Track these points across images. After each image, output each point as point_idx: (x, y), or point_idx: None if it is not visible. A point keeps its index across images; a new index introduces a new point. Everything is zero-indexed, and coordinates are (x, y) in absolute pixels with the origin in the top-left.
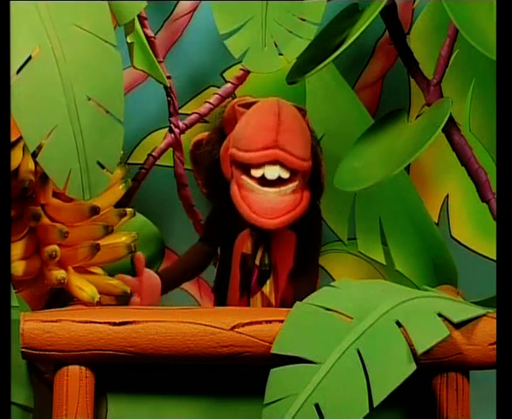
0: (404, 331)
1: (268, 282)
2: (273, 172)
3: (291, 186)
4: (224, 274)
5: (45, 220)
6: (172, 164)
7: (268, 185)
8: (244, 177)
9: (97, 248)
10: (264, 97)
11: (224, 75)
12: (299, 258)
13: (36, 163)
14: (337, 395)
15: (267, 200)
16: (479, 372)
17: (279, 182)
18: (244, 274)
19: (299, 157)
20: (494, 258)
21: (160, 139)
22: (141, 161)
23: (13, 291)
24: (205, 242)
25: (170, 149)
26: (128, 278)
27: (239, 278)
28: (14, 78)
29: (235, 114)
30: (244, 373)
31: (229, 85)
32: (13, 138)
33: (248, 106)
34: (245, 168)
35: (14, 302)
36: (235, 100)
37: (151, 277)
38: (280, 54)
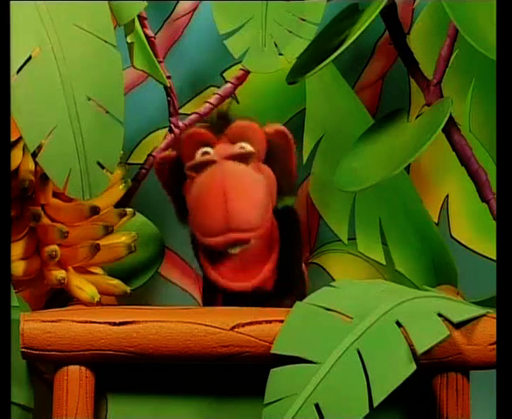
0: (404, 331)
1: None
2: (234, 250)
3: (254, 244)
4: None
5: (45, 220)
6: None
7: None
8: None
9: (97, 248)
10: (264, 97)
11: (225, 75)
12: (280, 268)
13: (36, 163)
14: (337, 395)
15: (235, 265)
16: (479, 372)
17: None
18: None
19: (254, 228)
20: (494, 258)
21: (160, 139)
22: (141, 161)
23: (13, 291)
24: None
25: (170, 149)
26: None
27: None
28: (14, 78)
29: (189, 149)
30: (244, 373)
31: (229, 85)
32: (13, 138)
33: (197, 167)
34: (210, 251)
35: (14, 302)
36: (183, 138)
37: None
38: (280, 54)
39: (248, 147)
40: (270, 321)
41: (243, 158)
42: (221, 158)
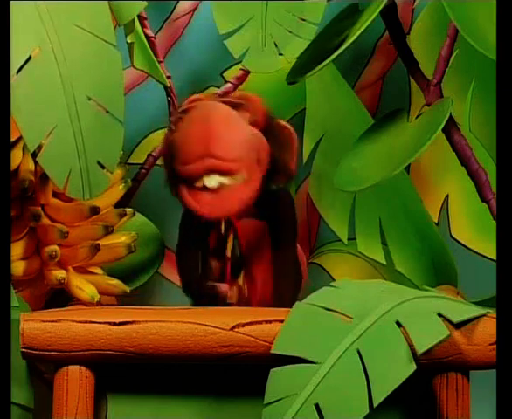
0: (404, 331)
1: (242, 273)
2: (211, 181)
3: (233, 182)
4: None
5: (45, 220)
6: None
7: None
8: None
9: (97, 248)
10: (264, 97)
11: (224, 75)
12: (275, 247)
13: (36, 163)
14: (337, 395)
15: (212, 196)
16: (479, 372)
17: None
18: (218, 267)
19: (233, 159)
20: (494, 258)
21: (160, 139)
22: (141, 161)
23: (13, 291)
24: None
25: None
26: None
27: (215, 271)
28: (14, 78)
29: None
30: (244, 373)
31: (229, 85)
32: (13, 138)
33: (185, 112)
34: (189, 181)
35: (14, 302)
36: (189, 101)
37: None
38: (280, 54)
39: (245, 114)
40: (270, 321)
41: (232, 105)
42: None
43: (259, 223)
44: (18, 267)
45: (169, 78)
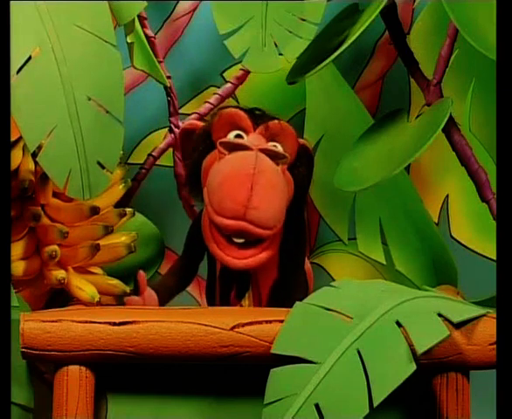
0: (404, 331)
1: (247, 295)
2: (239, 238)
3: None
4: (211, 288)
5: (45, 220)
6: (172, 164)
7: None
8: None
9: (97, 248)
10: (264, 97)
11: (225, 75)
12: (283, 268)
13: (36, 163)
14: (337, 395)
15: (240, 251)
16: (479, 372)
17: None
18: (223, 287)
19: (267, 228)
20: (494, 258)
21: (160, 139)
22: (141, 161)
23: (13, 291)
24: (187, 255)
25: (170, 149)
26: (135, 298)
27: (219, 290)
28: (14, 78)
29: (223, 126)
30: (244, 373)
31: (229, 85)
32: (13, 138)
33: (231, 147)
34: (218, 229)
35: (14, 302)
36: (223, 114)
37: (151, 294)
38: (280, 54)
39: (280, 148)
40: (270, 321)
41: (276, 157)
42: (256, 148)
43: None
44: (18, 267)
45: (169, 78)
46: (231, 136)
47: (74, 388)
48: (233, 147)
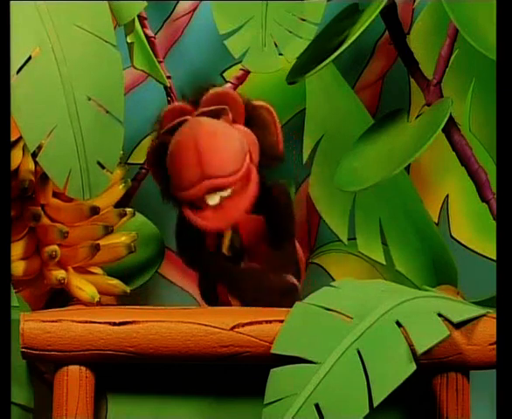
0: (404, 331)
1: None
2: (213, 199)
3: (233, 191)
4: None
5: (45, 220)
6: None
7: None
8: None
9: (97, 248)
10: (264, 97)
11: (225, 75)
12: (273, 243)
13: (36, 163)
14: (337, 395)
15: (217, 211)
16: (479, 372)
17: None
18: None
19: (230, 174)
20: (494, 258)
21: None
22: (141, 161)
23: (13, 291)
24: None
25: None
26: None
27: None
28: (14, 78)
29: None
30: (244, 373)
31: (229, 85)
32: (13, 138)
33: (172, 130)
34: (190, 203)
35: (14, 302)
36: (162, 114)
37: None
38: (280, 54)
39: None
40: (270, 321)
41: (213, 114)
42: (192, 116)
43: (258, 217)
44: (18, 267)
45: (169, 78)
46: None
47: (74, 388)
48: (174, 128)
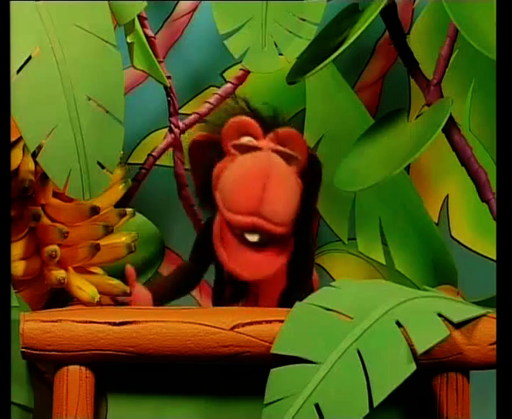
0: (405, 331)
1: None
2: (252, 237)
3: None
4: (218, 295)
5: (45, 220)
6: (172, 164)
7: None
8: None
9: (97, 248)
10: (264, 97)
11: (224, 75)
12: (292, 278)
13: (36, 163)
14: (337, 395)
15: (246, 255)
16: (479, 372)
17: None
18: (231, 295)
19: (280, 224)
20: (494, 258)
21: (160, 139)
22: (141, 161)
23: (13, 291)
24: (193, 261)
25: (170, 149)
26: (125, 298)
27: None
28: (14, 78)
29: (233, 134)
30: (244, 373)
31: (229, 85)
32: (13, 138)
33: (243, 149)
34: (230, 227)
35: (14, 302)
36: (232, 122)
37: (141, 291)
38: (280, 54)
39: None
40: (270, 321)
41: (288, 158)
42: (267, 148)
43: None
44: (18, 267)
45: (169, 78)
46: (242, 140)
47: (74, 388)
48: (244, 148)
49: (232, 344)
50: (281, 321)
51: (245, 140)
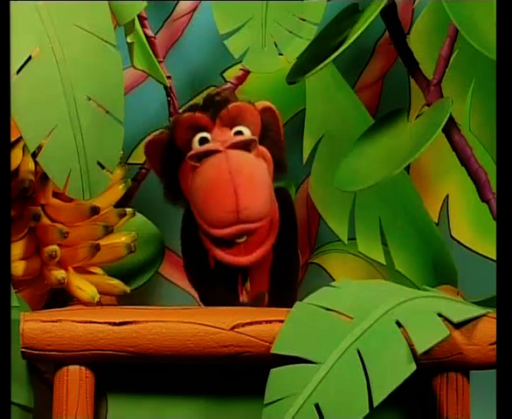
0: (404, 331)
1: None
2: (240, 239)
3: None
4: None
5: (45, 220)
6: None
7: None
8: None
9: (97, 248)
10: (264, 97)
11: (224, 75)
12: (278, 250)
13: (36, 163)
14: (337, 395)
15: (239, 247)
16: (479, 372)
17: None
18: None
19: (262, 218)
20: (494, 258)
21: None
22: (141, 161)
23: (13, 291)
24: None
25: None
26: None
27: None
28: (14, 78)
29: (184, 131)
30: (244, 373)
31: (229, 85)
32: (13, 138)
33: (200, 157)
34: (218, 240)
35: (14, 302)
36: (180, 120)
37: None
38: (280, 54)
39: (245, 131)
40: (270, 321)
41: (246, 146)
42: (224, 147)
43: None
44: (18, 267)
45: (169, 78)
46: (195, 143)
47: (74, 388)
48: (202, 156)
49: (232, 344)
50: (281, 321)
51: (197, 140)
